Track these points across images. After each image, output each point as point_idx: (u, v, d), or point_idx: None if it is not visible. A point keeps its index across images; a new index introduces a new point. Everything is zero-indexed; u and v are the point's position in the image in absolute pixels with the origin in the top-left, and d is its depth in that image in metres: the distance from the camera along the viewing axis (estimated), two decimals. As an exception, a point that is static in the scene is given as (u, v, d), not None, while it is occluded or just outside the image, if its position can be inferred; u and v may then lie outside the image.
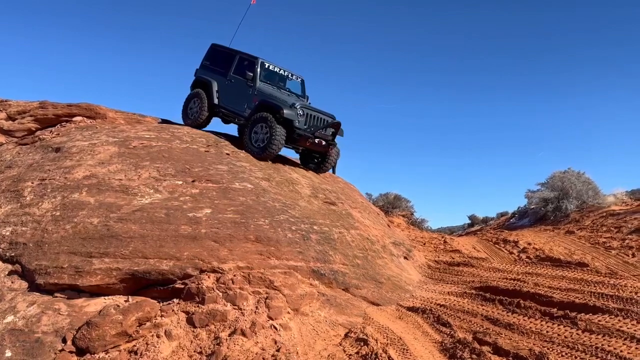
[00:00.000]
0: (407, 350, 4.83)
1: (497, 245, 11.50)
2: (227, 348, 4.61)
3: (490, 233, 15.01)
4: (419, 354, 4.74)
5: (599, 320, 5.22)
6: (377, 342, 4.93)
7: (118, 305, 5.11)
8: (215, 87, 10.53)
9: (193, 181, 7.05)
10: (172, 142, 8.49)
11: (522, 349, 4.64)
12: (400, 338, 5.17)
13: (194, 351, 4.70)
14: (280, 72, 10.68)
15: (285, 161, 10.13)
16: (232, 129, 13.84)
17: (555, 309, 5.70)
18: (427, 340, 5.24)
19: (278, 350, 4.65)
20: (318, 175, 10.46)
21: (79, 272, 5.34)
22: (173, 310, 5.15)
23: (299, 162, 11.15)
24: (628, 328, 4.94)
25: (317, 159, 10.64)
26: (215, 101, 10.49)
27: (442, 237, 14.08)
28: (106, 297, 5.39)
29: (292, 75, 11.02)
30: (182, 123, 10.73)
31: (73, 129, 9.26)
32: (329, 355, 4.77)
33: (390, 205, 20.02)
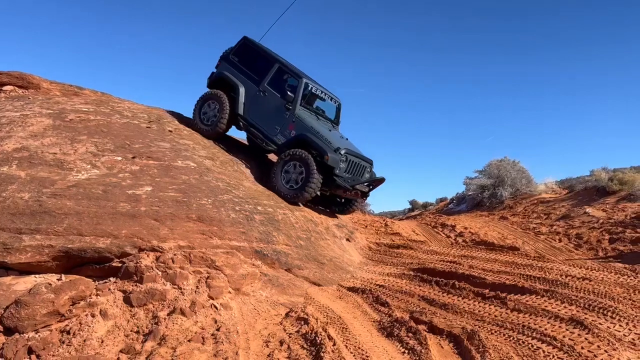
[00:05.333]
0: (346, 329, 4.93)
1: (435, 229, 11.90)
2: (166, 327, 4.54)
3: (430, 217, 15.50)
4: (357, 333, 4.85)
5: (527, 301, 5.53)
6: (317, 321, 5.00)
7: (50, 284, 4.89)
8: (242, 94, 8.86)
9: (133, 157, 6.82)
10: (112, 116, 8.16)
11: (455, 328, 4.85)
12: (340, 317, 5.27)
13: (131, 330, 4.60)
14: (321, 94, 9.26)
15: (231, 140, 9.98)
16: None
17: (488, 290, 5.99)
18: (366, 319, 5.37)
19: (218, 330, 4.62)
20: (264, 156, 10.38)
21: (7, 249, 5.06)
22: (109, 289, 5.00)
23: (246, 143, 10.87)
24: (552, 308, 5.26)
25: (341, 200, 9.66)
26: (240, 111, 8.85)
27: (384, 220, 14.38)
28: (37, 276, 5.16)
29: (331, 99, 9.57)
30: (123, 98, 10.27)
31: (2, 98, 8.71)
32: (269, 334, 4.79)
33: (334, 188, 20.20)
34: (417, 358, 4.23)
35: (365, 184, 8.76)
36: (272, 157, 10.51)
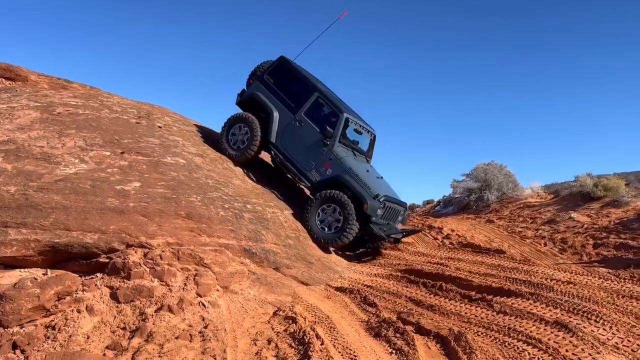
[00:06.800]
0: (334, 328, 4.94)
1: (422, 231, 11.96)
2: (153, 324, 4.50)
3: (417, 219, 15.57)
4: (345, 332, 4.86)
5: (513, 303, 5.59)
6: (305, 320, 5.01)
7: (35, 278, 4.83)
8: (276, 120, 8.34)
9: (122, 153, 6.76)
10: (101, 111, 8.08)
11: (442, 329, 4.88)
12: (328, 317, 5.28)
13: (118, 327, 4.56)
14: (360, 128, 8.84)
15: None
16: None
17: (474, 292, 6.04)
18: (354, 319, 5.38)
19: (206, 327, 4.60)
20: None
21: (-7, 242, 5.00)
22: (96, 285, 4.95)
23: None
24: (538, 311, 5.32)
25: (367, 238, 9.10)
26: (273, 139, 8.34)
27: (372, 221, 14.37)
28: (22, 270, 5.09)
29: (367, 132, 9.17)
30: (113, 93, 10.15)
31: (-11, 89, 8.58)
32: (257, 333, 4.78)
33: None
34: (405, 358, 4.25)
35: (401, 232, 8.55)
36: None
